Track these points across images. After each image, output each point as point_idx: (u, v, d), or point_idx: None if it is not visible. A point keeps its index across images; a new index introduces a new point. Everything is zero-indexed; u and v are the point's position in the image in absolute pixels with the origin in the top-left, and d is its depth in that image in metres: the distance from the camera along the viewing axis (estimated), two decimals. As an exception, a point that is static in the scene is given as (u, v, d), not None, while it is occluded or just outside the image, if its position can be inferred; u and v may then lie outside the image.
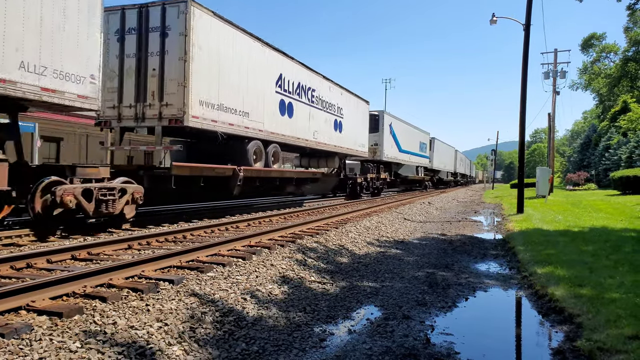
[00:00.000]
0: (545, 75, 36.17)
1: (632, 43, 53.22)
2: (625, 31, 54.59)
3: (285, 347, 4.35)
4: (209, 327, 4.49)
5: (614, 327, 4.41)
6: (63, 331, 3.83)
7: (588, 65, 63.02)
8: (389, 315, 5.48)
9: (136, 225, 10.34)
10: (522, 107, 17.56)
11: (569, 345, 4.44)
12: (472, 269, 8.37)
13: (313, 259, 7.84)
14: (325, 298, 6.02)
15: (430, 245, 10.93)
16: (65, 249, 6.76)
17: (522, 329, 5.55)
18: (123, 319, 4.22)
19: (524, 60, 17.34)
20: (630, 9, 15.11)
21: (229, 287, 5.63)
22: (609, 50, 60.85)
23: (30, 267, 6.02)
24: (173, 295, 5.01)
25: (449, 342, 4.70)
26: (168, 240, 8.50)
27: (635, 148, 38.73)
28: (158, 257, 6.27)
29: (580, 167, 53.42)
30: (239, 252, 7.54)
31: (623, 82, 56.64)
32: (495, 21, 21.22)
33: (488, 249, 10.58)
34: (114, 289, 5.07)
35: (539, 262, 7.75)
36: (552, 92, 36.00)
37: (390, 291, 6.60)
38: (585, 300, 5.33)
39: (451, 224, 15.85)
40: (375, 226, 12.62)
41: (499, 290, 6.94)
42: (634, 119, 46.04)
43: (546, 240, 9.97)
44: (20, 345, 3.52)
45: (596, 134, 54.91)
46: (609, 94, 59.83)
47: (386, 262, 8.51)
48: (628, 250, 8.46)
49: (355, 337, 4.74)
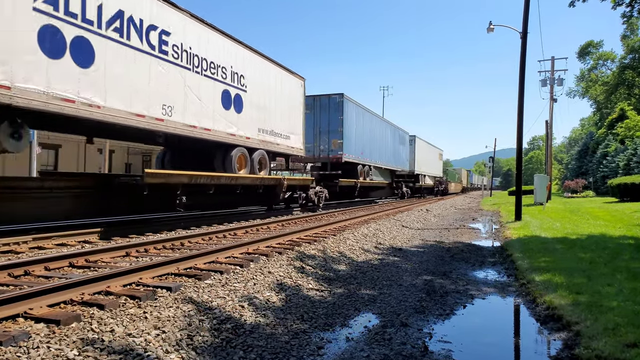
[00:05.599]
0: (543, 83, 36.38)
1: (629, 50, 53.58)
2: (622, 39, 54.99)
3: (283, 355, 4.34)
4: (206, 334, 4.48)
5: (612, 335, 4.41)
6: (60, 339, 3.82)
7: (585, 72, 63.39)
8: (387, 323, 5.48)
9: (134, 233, 10.33)
10: (519, 114, 17.62)
11: (567, 353, 4.44)
12: (470, 276, 8.37)
13: (311, 267, 7.84)
14: (323, 306, 6.02)
15: (428, 252, 10.92)
16: (63, 256, 6.75)
17: (520, 336, 5.55)
18: (121, 327, 4.21)
19: (521, 67, 17.43)
20: (625, 17, 15.14)
21: (227, 295, 5.62)
22: (606, 57, 61.23)
23: (28, 275, 6.00)
24: (171, 303, 5.00)
25: (447, 350, 4.70)
26: (166, 248, 8.49)
27: (633, 155, 38.86)
28: (156, 265, 6.26)
29: (578, 175, 53.52)
30: (237, 259, 7.53)
31: (620, 90, 56.97)
32: (493, 29, 21.38)
33: (486, 257, 10.57)
34: (112, 296, 5.06)
35: (537, 269, 7.75)
36: (549, 100, 36.19)
37: (388, 299, 6.59)
38: (583, 308, 5.33)
39: (449, 231, 15.86)
40: (373, 233, 12.62)
41: (497, 297, 6.94)
42: (631, 127, 46.29)
43: (544, 248, 9.98)
44: (18, 352, 3.51)
45: (594, 142, 55.06)
46: (606, 102, 60.13)
47: (384, 270, 8.50)
48: (626, 257, 8.47)
49: (353, 345, 4.73)
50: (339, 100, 21.35)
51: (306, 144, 19.35)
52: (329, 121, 21.32)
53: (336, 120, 21.26)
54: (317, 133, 21.56)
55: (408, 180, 36.74)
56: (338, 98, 21.35)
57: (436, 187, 48.24)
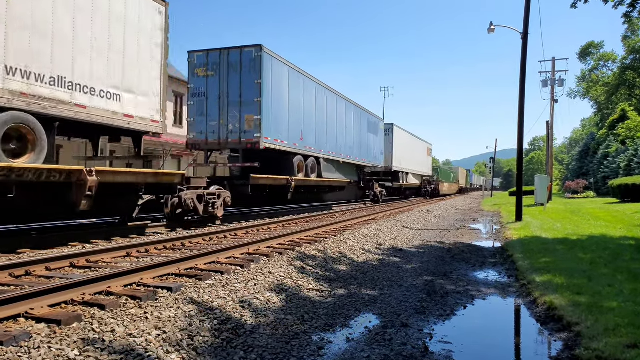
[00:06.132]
0: (544, 84, 36.34)
1: (630, 51, 53.57)
2: (623, 39, 55.01)
3: (284, 355, 4.34)
4: (207, 335, 4.48)
5: (613, 336, 4.40)
6: (61, 339, 3.83)
7: (586, 73, 63.40)
8: (388, 324, 5.48)
9: (135, 234, 10.33)
10: (520, 115, 17.62)
11: (567, 354, 4.44)
12: (470, 277, 8.37)
13: (311, 267, 7.84)
14: (324, 306, 6.02)
15: (429, 253, 10.92)
16: (64, 256, 6.76)
17: (520, 337, 5.55)
18: (121, 327, 4.22)
19: (522, 68, 17.44)
20: (626, 17, 15.13)
21: (227, 295, 5.62)
22: (607, 58, 61.27)
23: (29, 275, 6.02)
24: (171, 303, 5.00)
25: (447, 351, 4.70)
26: (167, 248, 8.50)
27: (634, 156, 38.87)
28: (156, 265, 6.27)
29: (579, 175, 53.51)
30: (238, 259, 7.54)
31: (621, 90, 56.98)
32: (493, 30, 21.38)
33: (487, 257, 10.57)
34: (113, 296, 5.07)
35: (537, 270, 7.75)
36: (550, 100, 36.17)
37: (388, 299, 6.59)
38: (583, 309, 5.33)
39: (450, 231, 15.86)
40: (373, 234, 12.62)
41: (497, 298, 6.94)
42: (632, 127, 46.29)
43: (545, 249, 9.97)
44: (19, 353, 3.52)
45: (595, 142, 55.08)
46: (607, 102, 60.15)
47: (385, 270, 8.50)
48: (627, 258, 8.47)
49: (354, 346, 4.73)
50: (255, 56, 14.23)
51: (209, 122, 14.43)
52: (242, 88, 14.37)
53: (252, 87, 14.23)
54: (223, 105, 14.58)
55: (384, 178, 30.26)
56: (255, 52, 14.25)
57: (424, 187, 42.17)
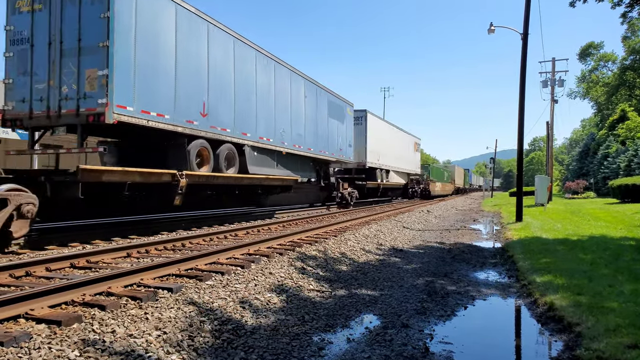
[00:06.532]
0: (544, 84, 36.32)
1: (630, 52, 53.60)
2: (623, 40, 55.04)
3: (284, 355, 4.34)
4: (207, 335, 4.48)
5: (613, 336, 4.40)
6: (62, 340, 3.83)
7: (586, 73, 63.42)
8: (388, 324, 5.48)
9: (134, 234, 10.29)
10: (520, 115, 17.62)
11: (568, 355, 4.43)
12: (471, 277, 8.36)
13: (312, 267, 7.84)
14: (324, 307, 6.02)
15: (429, 253, 10.92)
16: (64, 257, 6.76)
17: (521, 337, 5.54)
18: (122, 328, 4.22)
19: (522, 69, 17.43)
20: (624, 17, 15.16)
21: (228, 296, 5.62)
22: (606, 59, 61.29)
23: (30, 275, 6.02)
24: (172, 304, 5.00)
25: (448, 351, 4.69)
26: (167, 249, 8.49)
27: (634, 156, 38.86)
28: (157, 266, 6.26)
29: (579, 176, 53.50)
30: (238, 260, 7.54)
31: (621, 91, 57.00)
32: (493, 30, 21.37)
33: (487, 258, 10.57)
34: (113, 297, 5.07)
35: (537, 270, 7.75)
36: (550, 101, 36.15)
37: (389, 300, 6.59)
38: (584, 309, 5.33)
39: (450, 232, 15.85)
40: (374, 234, 12.62)
41: (498, 298, 6.93)
42: (632, 128, 46.28)
43: (545, 249, 9.97)
44: (19, 353, 3.52)
45: (595, 143, 55.07)
46: (607, 103, 60.14)
47: (385, 271, 8.50)
48: (627, 258, 8.46)
49: (354, 346, 4.73)
50: None
51: (35, 84, 9.55)
52: (81, 26, 9.23)
53: (95, 24, 9.11)
54: (55, 57, 9.45)
55: (356, 176, 25.71)
56: None
57: (410, 187, 37.54)
